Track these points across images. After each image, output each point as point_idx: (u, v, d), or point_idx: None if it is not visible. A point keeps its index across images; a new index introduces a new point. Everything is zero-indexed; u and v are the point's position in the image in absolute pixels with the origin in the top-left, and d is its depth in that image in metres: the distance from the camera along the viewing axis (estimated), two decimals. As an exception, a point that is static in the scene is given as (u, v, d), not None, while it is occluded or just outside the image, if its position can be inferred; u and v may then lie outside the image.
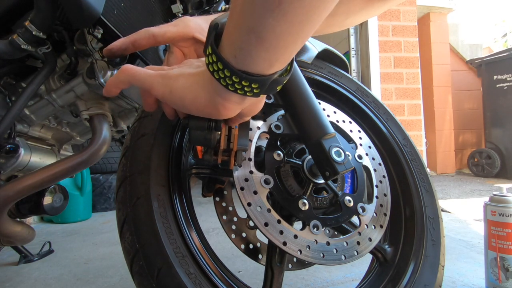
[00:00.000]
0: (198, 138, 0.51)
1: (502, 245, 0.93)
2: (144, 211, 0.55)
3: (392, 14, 2.76)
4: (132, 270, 0.54)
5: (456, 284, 1.05)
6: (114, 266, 1.32)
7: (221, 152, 0.53)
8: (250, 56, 0.36)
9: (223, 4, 0.85)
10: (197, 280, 0.53)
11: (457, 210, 2.15)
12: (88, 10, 0.62)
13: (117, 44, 0.52)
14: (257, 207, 0.57)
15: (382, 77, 2.70)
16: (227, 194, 0.75)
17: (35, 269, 1.32)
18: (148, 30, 0.52)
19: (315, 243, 0.59)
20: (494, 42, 5.72)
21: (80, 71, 0.79)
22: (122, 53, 0.53)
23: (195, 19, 0.54)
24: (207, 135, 0.51)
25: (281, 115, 0.68)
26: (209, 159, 0.54)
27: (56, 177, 0.74)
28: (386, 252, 0.74)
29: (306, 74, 0.79)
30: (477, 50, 4.65)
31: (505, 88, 3.71)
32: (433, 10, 4.02)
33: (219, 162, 0.54)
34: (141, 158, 0.59)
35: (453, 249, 1.38)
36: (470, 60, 4.24)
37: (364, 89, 0.89)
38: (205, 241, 0.61)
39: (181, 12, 0.85)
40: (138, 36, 0.52)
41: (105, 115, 0.82)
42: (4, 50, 0.67)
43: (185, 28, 0.52)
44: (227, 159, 0.54)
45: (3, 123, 0.71)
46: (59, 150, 0.94)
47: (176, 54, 0.55)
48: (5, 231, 0.79)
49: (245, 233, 0.72)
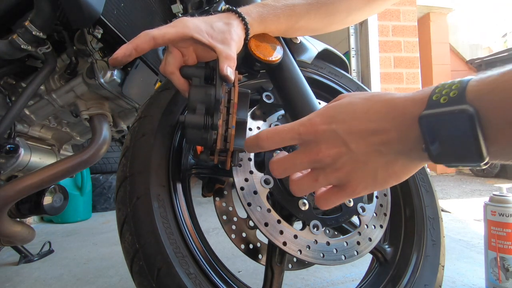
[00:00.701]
0: (194, 137, 0.51)
1: (502, 245, 0.93)
2: (144, 211, 0.55)
3: (392, 14, 2.76)
4: (132, 270, 0.54)
5: (456, 284, 1.05)
6: (114, 266, 1.32)
7: (217, 152, 0.53)
8: None
9: (223, 4, 0.85)
10: (197, 280, 0.53)
11: (457, 210, 2.15)
12: (88, 10, 0.62)
13: (120, 52, 0.52)
14: (257, 207, 0.57)
15: (382, 77, 2.70)
16: (227, 194, 0.75)
17: (35, 269, 1.32)
18: (148, 33, 0.52)
19: (315, 243, 0.59)
20: (494, 42, 5.72)
21: (80, 71, 0.79)
22: (127, 60, 0.53)
23: (194, 19, 0.54)
24: (203, 135, 0.51)
25: (281, 115, 0.68)
26: (206, 159, 0.54)
27: (56, 177, 0.74)
28: (386, 252, 0.74)
29: (306, 74, 0.79)
30: (477, 50, 4.65)
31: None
32: (433, 10, 4.02)
33: (215, 163, 0.54)
34: (141, 158, 0.59)
35: (453, 249, 1.38)
36: (470, 60, 4.24)
37: (364, 89, 0.89)
38: (205, 241, 0.61)
39: (181, 12, 0.85)
40: (139, 41, 0.52)
41: (105, 115, 0.82)
42: (4, 50, 0.67)
43: (183, 28, 0.52)
44: (224, 159, 0.54)
45: (3, 123, 0.71)
46: (59, 150, 0.94)
47: (174, 54, 0.55)
48: (5, 231, 0.79)
49: (245, 233, 0.72)
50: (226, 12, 0.58)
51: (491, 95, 0.29)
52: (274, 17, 0.61)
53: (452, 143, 0.30)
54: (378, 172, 0.38)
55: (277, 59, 0.62)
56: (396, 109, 0.35)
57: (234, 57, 0.53)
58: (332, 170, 0.39)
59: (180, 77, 0.55)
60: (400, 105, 0.35)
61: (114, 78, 0.77)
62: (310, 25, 0.66)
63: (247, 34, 0.59)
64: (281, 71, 0.65)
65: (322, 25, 0.68)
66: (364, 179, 0.38)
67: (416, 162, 0.38)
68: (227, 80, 0.51)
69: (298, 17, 0.63)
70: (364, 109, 0.37)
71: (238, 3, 0.68)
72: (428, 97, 0.32)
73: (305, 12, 0.64)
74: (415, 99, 0.34)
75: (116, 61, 0.52)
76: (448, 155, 0.31)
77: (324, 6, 0.65)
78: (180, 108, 0.66)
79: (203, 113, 0.51)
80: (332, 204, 0.42)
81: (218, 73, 0.51)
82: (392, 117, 0.35)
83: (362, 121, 0.37)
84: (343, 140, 0.37)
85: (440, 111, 0.30)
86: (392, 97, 0.36)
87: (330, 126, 0.38)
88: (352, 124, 0.37)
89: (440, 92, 0.32)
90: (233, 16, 0.57)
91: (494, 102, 0.28)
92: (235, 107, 0.53)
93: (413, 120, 0.33)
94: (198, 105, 0.51)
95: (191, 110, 0.51)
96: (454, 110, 0.29)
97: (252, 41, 0.61)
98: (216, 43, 0.53)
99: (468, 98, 0.29)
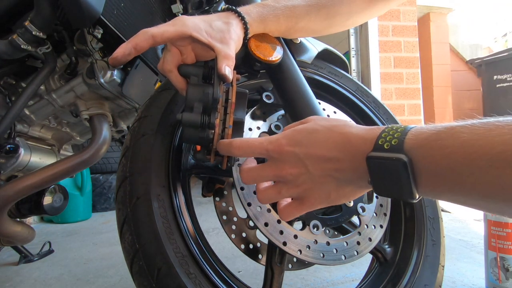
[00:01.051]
0: (191, 135, 0.51)
1: (502, 245, 0.93)
2: (144, 211, 0.55)
3: (392, 14, 2.76)
4: (132, 270, 0.54)
5: (456, 284, 1.05)
6: (114, 266, 1.32)
7: (214, 152, 0.53)
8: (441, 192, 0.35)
9: (223, 4, 0.85)
10: (197, 280, 0.53)
11: (457, 210, 2.15)
12: (88, 10, 0.62)
13: (120, 51, 0.52)
14: (257, 207, 0.57)
15: (382, 77, 2.70)
16: (227, 194, 0.75)
17: (35, 269, 1.32)
18: (147, 32, 0.52)
19: (315, 243, 0.59)
20: (494, 42, 5.72)
21: (80, 71, 0.79)
22: (126, 59, 0.53)
23: (193, 18, 0.54)
24: (200, 133, 0.51)
25: (281, 115, 0.68)
26: (203, 158, 0.55)
27: (56, 177, 0.74)
28: (386, 252, 0.74)
29: (306, 74, 0.79)
30: (477, 50, 4.64)
31: (505, 88, 3.71)
32: (433, 10, 4.02)
33: (212, 162, 0.54)
34: (141, 158, 0.59)
35: (453, 249, 1.38)
36: (470, 60, 4.23)
37: (364, 89, 0.89)
38: (205, 241, 0.61)
39: (181, 12, 0.85)
40: (138, 39, 0.52)
41: (105, 115, 0.82)
42: (4, 50, 0.67)
43: (182, 27, 0.52)
44: (220, 159, 0.54)
45: (3, 123, 0.71)
46: (59, 150, 0.94)
47: (172, 52, 0.55)
48: (5, 231, 0.79)
49: (245, 233, 0.72)
50: (225, 12, 0.58)
51: (422, 150, 0.34)
52: (274, 18, 0.61)
53: (390, 182, 0.37)
54: (331, 192, 0.44)
55: (277, 59, 0.62)
56: (350, 144, 0.41)
57: (233, 57, 0.53)
58: (293, 186, 0.45)
59: (178, 75, 0.55)
60: (354, 141, 0.40)
61: (114, 78, 0.77)
62: (310, 27, 0.66)
63: (246, 33, 0.59)
64: (281, 71, 0.65)
65: (322, 27, 0.68)
66: (319, 196, 0.45)
67: (363, 189, 0.44)
68: (225, 79, 0.51)
69: (298, 18, 0.63)
70: (325, 138, 0.43)
71: (238, 3, 0.68)
72: (375, 140, 0.38)
73: (305, 14, 0.64)
74: (366, 139, 0.39)
75: (116, 61, 0.52)
76: (387, 190, 0.38)
77: (325, 8, 0.65)
78: (180, 108, 0.66)
79: (200, 112, 0.51)
80: (293, 216, 0.47)
81: (216, 72, 0.51)
82: (347, 150, 0.41)
83: (321, 148, 0.42)
84: (303, 162, 0.43)
85: (382, 155, 0.36)
86: (349, 131, 0.42)
87: (294, 149, 0.44)
88: (312, 150, 0.43)
89: (385, 138, 0.38)
90: (232, 16, 0.57)
91: (424, 156, 0.34)
92: (233, 106, 0.53)
93: (362, 156, 0.39)
94: (195, 104, 0.51)
95: (189, 108, 0.51)
96: (393, 157, 0.35)
97: (252, 41, 0.61)
98: (215, 42, 0.53)
99: (405, 148, 0.35)
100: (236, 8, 0.58)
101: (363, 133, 0.40)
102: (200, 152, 0.54)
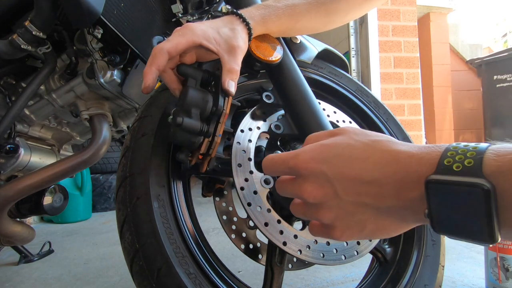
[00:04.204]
0: (183, 139, 0.52)
1: (502, 245, 0.92)
2: (144, 211, 0.55)
3: (392, 14, 2.76)
4: (132, 270, 0.54)
5: (456, 284, 1.05)
6: (114, 266, 1.32)
7: (197, 155, 0.54)
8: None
9: (223, 4, 0.85)
10: (197, 280, 0.53)
11: (457, 210, 2.15)
12: (88, 10, 0.62)
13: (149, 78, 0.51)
14: (257, 207, 0.57)
15: (382, 77, 2.70)
16: (227, 194, 0.75)
17: (35, 269, 1.32)
18: (162, 49, 0.51)
19: (315, 243, 0.58)
20: (494, 42, 5.72)
21: (80, 71, 0.79)
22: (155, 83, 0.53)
23: (200, 25, 0.54)
24: (192, 138, 0.52)
25: (281, 115, 0.68)
26: (184, 159, 0.55)
27: (56, 177, 0.74)
28: (386, 252, 0.74)
29: (306, 74, 0.79)
30: (477, 50, 4.64)
31: (505, 88, 3.71)
32: (433, 10, 4.02)
33: (192, 164, 0.55)
34: (141, 158, 0.59)
35: (453, 249, 1.38)
36: (470, 60, 4.23)
37: (364, 89, 0.89)
38: (205, 241, 0.61)
39: (181, 12, 0.85)
40: (158, 60, 0.52)
41: (105, 115, 0.82)
42: (4, 50, 0.67)
43: (193, 37, 0.52)
44: (201, 162, 0.55)
45: (3, 123, 0.71)
46: (59, 150, 0.94)
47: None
48: (5, 231, 0.79)
49: (245, 233, 0.72)
50: (229, 16, 0.58)
51: (511, 175, 0.26)
52: (276, 18, 0.61)
53: (460, 218, 0.28)
54: (367, 224, 0.35)
55: (277, 59, 0.62)
56: (398, 163, 0.32)
57: (238, 70, 0.54)
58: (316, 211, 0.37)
59: (172, 75, 0.56)
60: (403, 160, 0.32)
61: (114, 78, 0.77)
62: (310, 24, 0.66)
63: (250, 38, 0.59)
64: (281, 71, 0.65)
65: (321, 24, 0.68)
66: (350, 228, 0.36)
67: (410, 223, 0.35)
68: (228, 94, 0.53)
69: (299, 17, 0.64)
70: (363, 157, 0.34)
71: (238, 3, 0.68)
72: (439, 160, 0.29)
73: (306, 12, 0.64)
74: (422, 158, 0.31)
75: (150, 89, 0.52)
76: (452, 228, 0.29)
77: (324, 5, 0.65)
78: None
79: (198, 119, 0.52)
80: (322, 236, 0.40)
81: (220, 86, 0.52)
82: (393, 171, 0.32)
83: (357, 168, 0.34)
84: (331, 183, 0.35)
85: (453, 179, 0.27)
86: (396, 149, 0.33)
87: (321, 166, 0.35)
88: (345, 169, 0.34)
89: (453, 157, 0.29)
90: (237, 21, 0.57)
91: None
92: (226, 117, 0.54)
93: (417, 180, 0.30)
94: (192, 109, 0.52)
95: (185, 112, 0.51)
96: (468, 181, 0.26)
97: (252, 42, 0.61)
98: (223, 52, 0.53)
99: (485, 172, 0.26)
100: (240, 13, 0.58)
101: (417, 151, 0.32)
102: (183, 153, 0.55)
